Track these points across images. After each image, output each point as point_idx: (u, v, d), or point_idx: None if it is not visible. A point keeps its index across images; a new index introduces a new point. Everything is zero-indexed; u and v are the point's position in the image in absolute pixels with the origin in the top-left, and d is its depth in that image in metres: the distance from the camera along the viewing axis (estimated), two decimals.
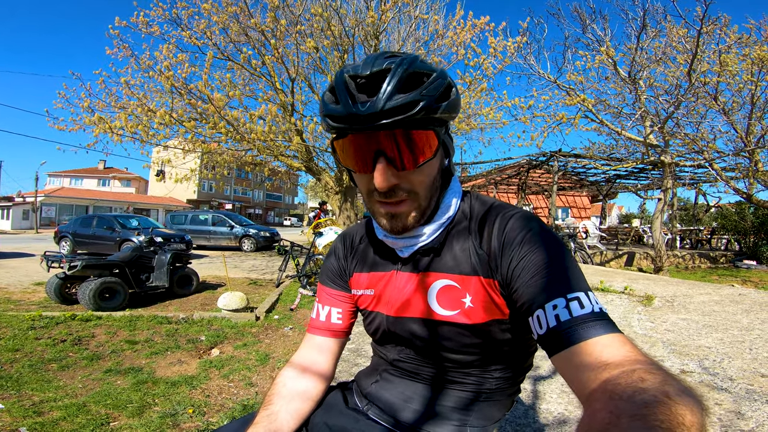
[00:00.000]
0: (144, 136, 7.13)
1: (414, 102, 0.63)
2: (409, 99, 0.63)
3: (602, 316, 0.59)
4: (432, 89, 0.65)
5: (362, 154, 0.68)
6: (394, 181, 0.69)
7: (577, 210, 26.07)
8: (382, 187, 0.68)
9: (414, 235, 0.79)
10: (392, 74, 0.64)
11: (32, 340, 3.72)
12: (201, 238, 15.85)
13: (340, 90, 0.67)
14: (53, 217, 36.17)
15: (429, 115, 0.66)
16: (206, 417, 2.42)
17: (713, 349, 3.26)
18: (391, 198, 0.71)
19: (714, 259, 13.08)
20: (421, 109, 0.64)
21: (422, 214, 0.75)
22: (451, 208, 0.80)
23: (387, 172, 0.67)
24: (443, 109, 0.67)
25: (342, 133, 0.69)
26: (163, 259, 6.09)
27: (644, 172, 15.40)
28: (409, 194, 0.72)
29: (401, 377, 0.87)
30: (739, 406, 2.27)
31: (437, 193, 0.76)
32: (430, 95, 0.65)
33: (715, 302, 4.90)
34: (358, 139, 0.67)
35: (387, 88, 0.63)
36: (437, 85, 0.66)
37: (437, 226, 0.79)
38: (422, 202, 0.73)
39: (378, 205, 0.74)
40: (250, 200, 58.82)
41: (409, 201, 0.72)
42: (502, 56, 7.91)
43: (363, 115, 0.63)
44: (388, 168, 0.67)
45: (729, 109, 9.58)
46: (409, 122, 0.65)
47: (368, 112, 0.63)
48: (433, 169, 0.73)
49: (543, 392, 2.54)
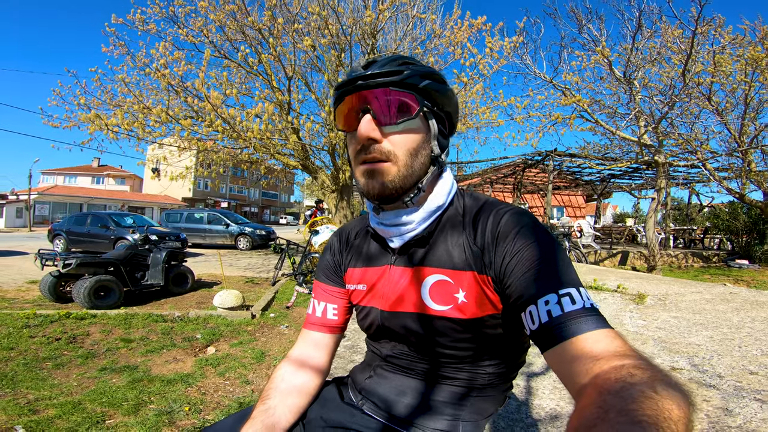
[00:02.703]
0: (140, 134, 7.11)
1: (400, 71, 0.74)
2: (397, 68, 0.75)
3: (593, 311, 0.60)
4: (418, 67, 0.77)
5: (352, 112, 0.77)
6: (375, 135, 0.74)
7: (572, 209, 26.21)
8: (363, 137, 0.74)
9: (401, 222, 0.80)
10: (390, 57, 0.79)
11: (27, 339, 3.70)
12: (196, 236, 15.79)
13: (352, 68, 0.80)
14: (47, 215, 35.86)
15: (413, 84, 0.75)
16: (202, 414, 2.43)
17: (703, 346, 3.30)
18: (371, 153, 0.75)
19: (707, 258, 13.19)
20: (406, 76, 0.74)
21: (401, 179, 0.76)
22: (441, 197, 0.81)
23: (369, 124, 0.74)
24: (427, 84, 0.76)
25: (340, 99, 0.78)
26: (159, 258, 6.07)
27: (638, 171, 15.50)
28: (387, 157, 0.75)
29: (395, 372, 0.88)
30: (727, 403, 2.30)
31: (420, 166, 0.78)
32: (416, 70, 0.76)
33: (706, 300, 4.95)
34: (351, 99, 0.76)
35: (382, 61, 0.78)
36: (424, 67, 0.79)
37: (426, 214, 0.80)
38: (401, 167, 0.75)
39: (361, 165, 0.77)
40: (246, 198, 58.59)
41: (389, 163, 0.75)
42: (498, 56, 7.94)
43: (358, 75, 0.75)
44: (371, 121, 0.74)
45: (722, 109, 9.67)
46: (395, 84, 0.74)
47: (363, 74, 0.74)
48: (414, 139, 0.77)
49: (536, 388, 2.57)
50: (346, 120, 0.79)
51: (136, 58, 7.25)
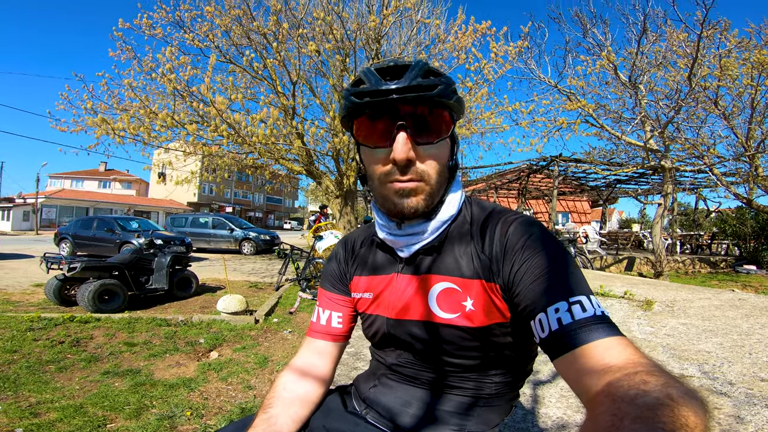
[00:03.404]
0: (146, 138, 7.15)
1: (434, 84, 0.70)
2: (430, 81, 0.70)
3: (604, 319, 0.59)
4: (447, 79, 0.73)
5: (384, 128, 0.72)
6: (412, 154, 0.71)
7: (577, 215, 26.07)
8: (401, 158, 0.70)
9: (416, 232, 0.79)
10: (413, 66, 0.72)
11: (30, 342, 3.71)
12: (201, 240, 15.83)
13: (369, 74, 0.72)
14: (54, 219, 36.18)
15: (444, 100, 0.71)
16: (204, 419, 2.41)
17: (713, 353, 3.25)
18: (406, 174, 0.72)
19: (714, 264, 13.06)
20: (440, 91, 0.70)
21: (431, 199, 0.75)
22: (453, 207, 0.80)
23: (407, 145, 0.70)
24: (455, 100, 0.74)
25: (360, 111, 0.73)
26: (163, 262, 6.09)
27: (644, 176, 15.43)
28: (421, 177, 0.73)
29: (400, 382, 0.86)
30: (739, 411, 2.26)
31: (444, 180, 0.77)
32: (447, 82, 0.72)
33: (715, 307, 4.88)
34: (380, 114, 0.72)
35: (411, 72, 0.70)
36: (448, 82, 0.73)
37: (439, 224, 0.79)
38: (433, 186, 0.75)
39: (391, 184, 0.74)
40: (250, 203, 58.84)
41: (423, 183, 0.73)
42: (503, 61, 7.95)
43: (391, 88, 0.68)
44: (408, 140, 0.70)
45: (729, 113, 9.60)
46: (430, 100, 0.70)
47: (396, 86, 0.69)
48: (443, 156, 0.76)
49: (542, 396, 2.53)
50: (371, 134, 0.74)
51: (142, 62, 7.30)
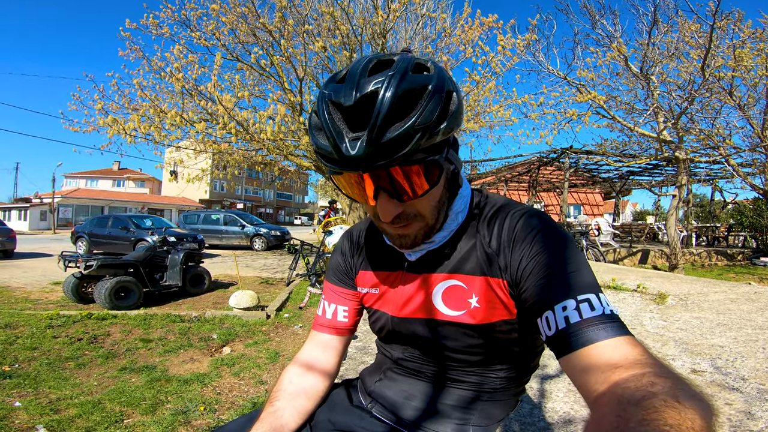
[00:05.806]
0: (157, 137, 7.23)
1: (408, 135, 0.58)
2: (403, 132, 0.58)
3: (613, 318, 0.58)
4: (428, 113, 0.59)
5: (363, 189, 0.65)
6: (398, 211, 0.68)
7: (589, 207, 25.75)
8: (386, 220, 0.68)
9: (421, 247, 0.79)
10: (381, 101, 0.58)
11: (50, 339, 3.81)
12: (213, 237, 16.04)
13: (325, 122, 0.61)
14: (70, 218, 36.90)
15: (427, 144, 0.61)
16: (217, 414, 2.46)
17: (726, 348, 3.20)
18: (398, 224, 0.71)
19: (731, 256, 12.82)
20: (417, 142, 0.59)
21: (431, 230, 0.74)
22: (460, 215, 0.79)
23: (389, 206, 0.67)
24: (443, 131, 0.62)
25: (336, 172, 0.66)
26: (176, 259, 6.19)
27: (658, 168, 15.14)
28: (415, 217, 0.71)
29: (405, 375, 0.87)
30: (750, 406, 2.23)
31: (445, 207, 0.75)
32: (425, 123, 0.59)
33: (730, 300, 4.80)
34: (355, 176, 0.64)
35: (377, 123, 0.58)
36: (434, 105, 0.60)
37: (447, 233, 0.78)
38: (430, 221, 0.73)
39: (385, 226, 0.74)
40: (261, 199, 59.26)
41: (416, 223, 0.72)
42: (510, 54, 7.84)
43: (354, 158, 0.59)
44: (390, 202, 0.66)
45: (744, 104, 9.36)
46: (406, 157, 0.60)
47: (359, 155, 0.58)
48: (437, 193, 0.71)
49: (549, 391, 2.53)
50: (350, 189, 0.68)
51: (151, 61, 7.37)
